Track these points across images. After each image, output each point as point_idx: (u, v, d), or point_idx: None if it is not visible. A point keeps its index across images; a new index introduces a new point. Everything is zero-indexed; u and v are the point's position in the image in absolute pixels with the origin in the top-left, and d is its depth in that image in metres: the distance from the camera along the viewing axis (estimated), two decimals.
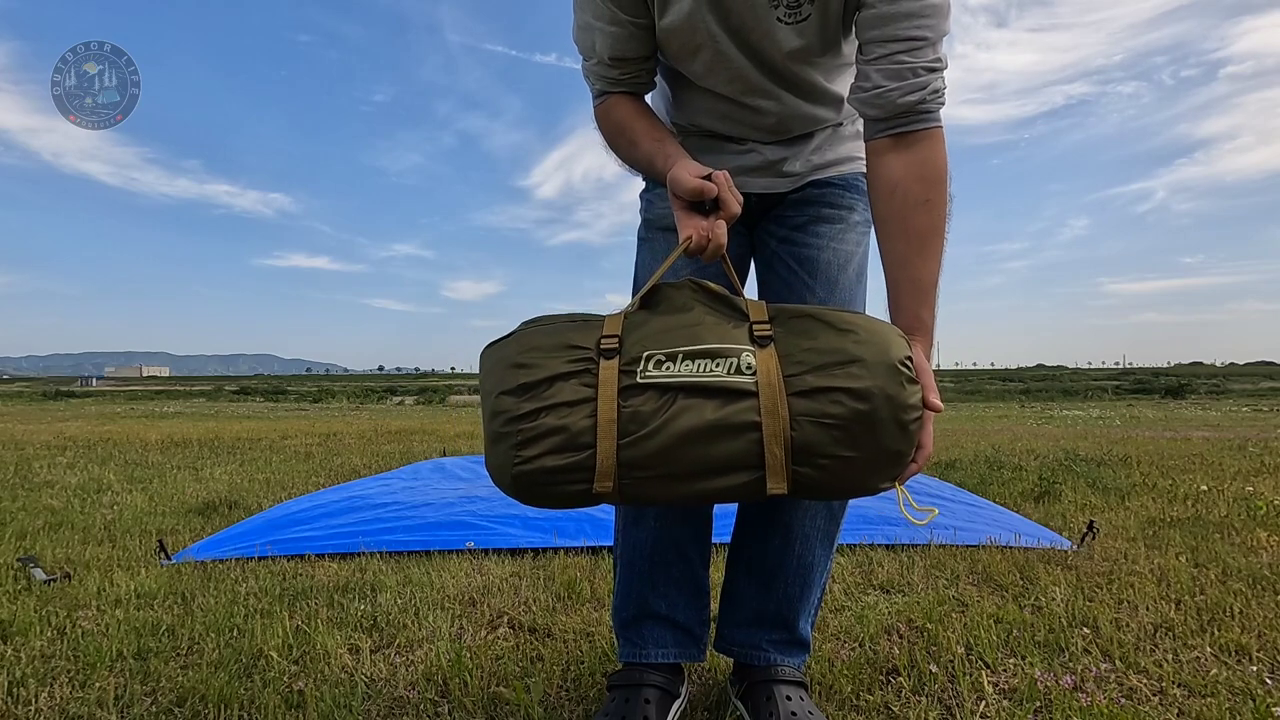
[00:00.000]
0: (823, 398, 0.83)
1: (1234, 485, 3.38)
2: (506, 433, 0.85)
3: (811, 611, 1.17)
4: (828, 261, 1.12)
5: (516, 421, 0.85)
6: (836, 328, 0.87)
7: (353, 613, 1.62)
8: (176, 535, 2.48)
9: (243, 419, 11.66)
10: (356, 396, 32.23)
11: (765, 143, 1.14)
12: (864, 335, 0.86)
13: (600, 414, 0.84)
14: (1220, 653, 1.38)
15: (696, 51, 1.04)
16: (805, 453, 0.83)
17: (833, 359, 0.85)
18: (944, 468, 4.18)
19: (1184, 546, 2.17)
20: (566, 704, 1.21)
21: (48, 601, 1.71)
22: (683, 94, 1.15)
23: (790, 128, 1.13)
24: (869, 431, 0.83)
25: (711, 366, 0.85)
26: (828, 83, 1.09)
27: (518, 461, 0.85)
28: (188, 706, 1.19)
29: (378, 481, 3.47)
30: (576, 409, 0.85)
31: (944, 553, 2.09)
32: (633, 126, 1.08)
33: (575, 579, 1.84)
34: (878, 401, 0.83)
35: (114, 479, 3.85)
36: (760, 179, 1.15)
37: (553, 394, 0.85)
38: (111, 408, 19.32)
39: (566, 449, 0.84)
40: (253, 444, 5.99)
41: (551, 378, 0.86)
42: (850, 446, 0.83)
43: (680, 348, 0.86)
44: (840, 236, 1.13)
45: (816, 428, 0.83)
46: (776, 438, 0.83)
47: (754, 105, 1.09)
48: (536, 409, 0.85)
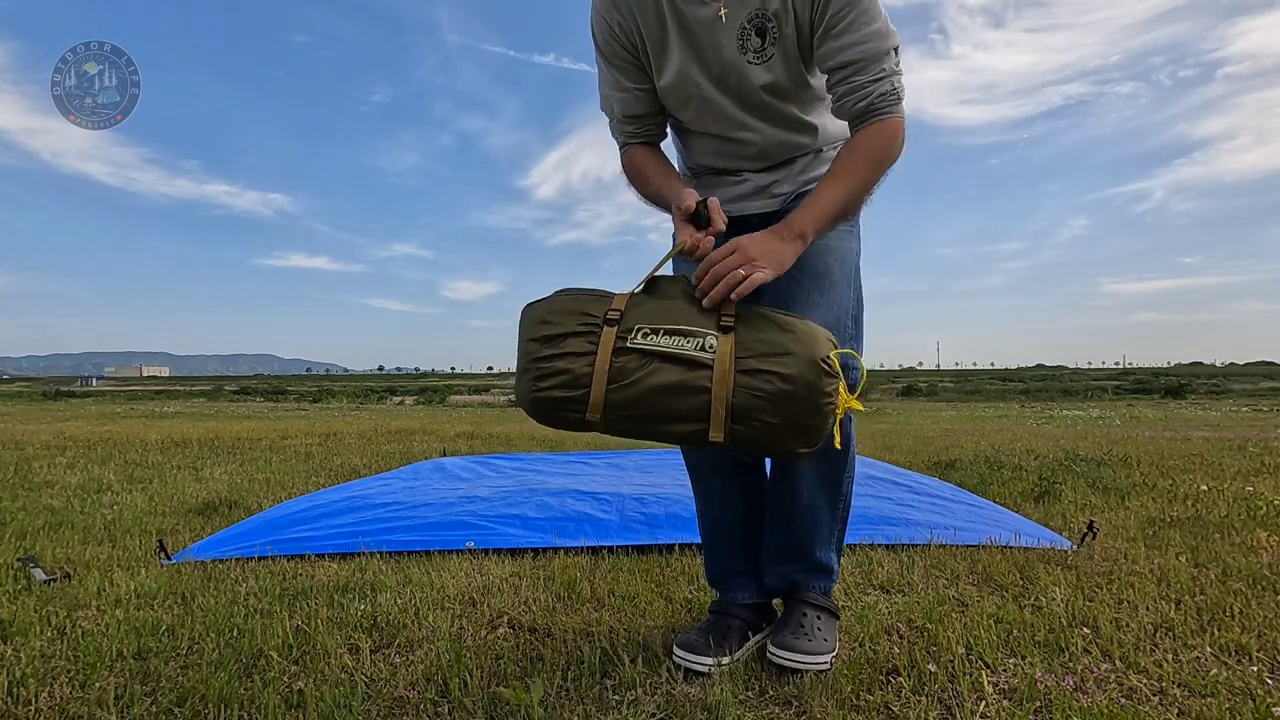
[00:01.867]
0: (760, 377, 1.11)
1: (1234, 485, 3.38)
2: (529, 368, 1.17)
3: (827, 544, 1.42)
4: (815, 256, 1.31)
5: (537, 362, 1.16)
6: (781, 327, 1.15)
7: (353, 613, 1.62)
8: (176, 535, 2.48)
9: (243, 419, 11.67)
10: (356, 396, 32.23)
11: (755, 170, 1.41)
12: (800, 335, 1.14)
13: (597, 365, 1.14)
14: (1220, 653, 1.38)
15: (688, 102, 1.34)
16: (741, 414, 1.12)
17: (772, 350, 1.12)
18: (944, 468, 4.18)
19: (1184, 546, 2.17)
20: (566, 704, 1.21)
21: (48, 601, 1.71)
22: (687, 140, 1.46)
23: (772, 154, 1.38)
24: (789, 406, 1.11)
25: (683, 343, 1.14)
26: (803, 114, 1.35)
27: (534, 390, 1.16)
28: (188, 706, 1.19)
29: (378, 481, 3.47)
30: (580, 359, 1.15)
31: (944, 553, 2.09)
32: (646, 168, 1.41)
33: (575, 579, 1.84)
34: (798, 385, 1.11)
35: (114, 479, 3.85)
36: (756, 201, 1.41)
37: (565, 346, 1.16)
38: (111, 408, 19.33)
39: (570, 386, 1.14)
40: (253, 444, 5.99)
41: (565, 334, 1.16)
42: (774, 415, 1.11)
43: (663, 325, 1.15)
44: (825, 240, 1.32)
45: (751, 397, 1.11)
46: (721, 400, 1.11)
47: (738, 138, 1.36)
48: (551, 354, 1.15)
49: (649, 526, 2.34)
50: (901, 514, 2.49)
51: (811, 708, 1.18)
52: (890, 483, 3.14)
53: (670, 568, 1.98)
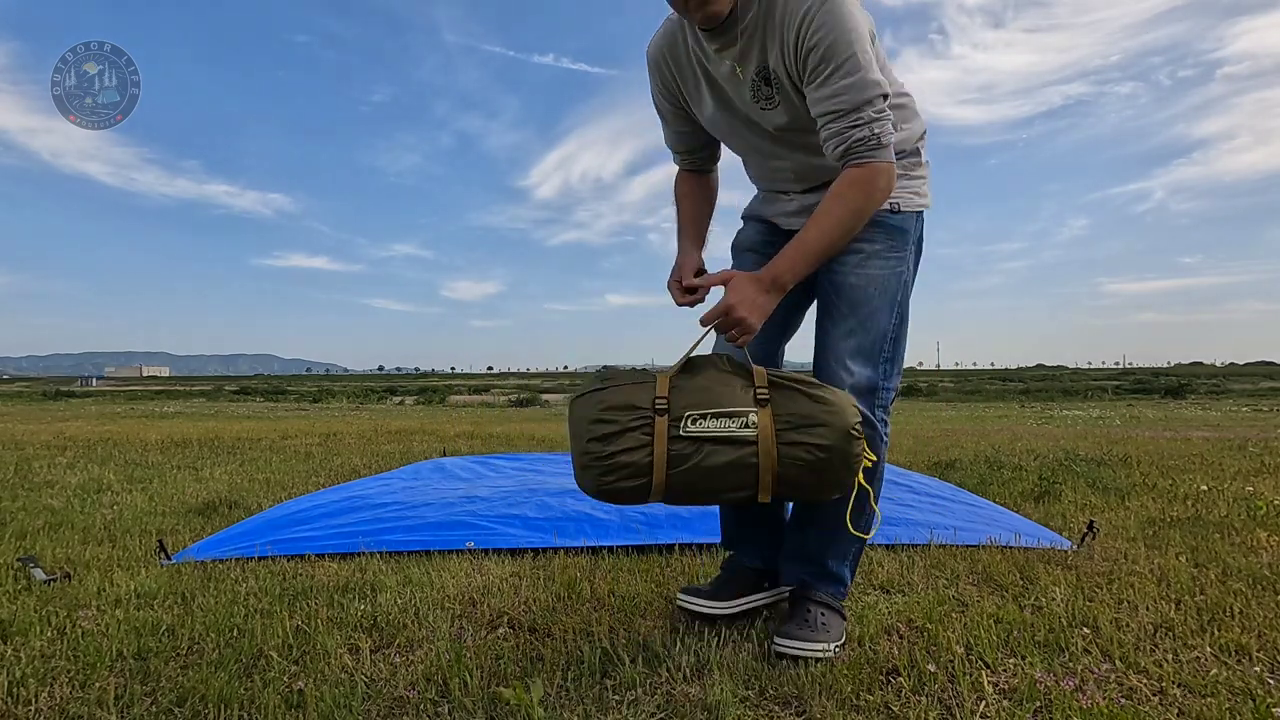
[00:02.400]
0: (799, 448, 1.28)
1: (1234, 485, 3.38)
2: (594, 466, 1.30)
3: (842, 558, 1.51)
4: (852, 285, 1.47)
5: (601, 460, 1.29)
6: (812, 398, 1.31)
7: (353, 613, 1.62)
8: (176, 535, 2.48)
9: (243, 419, 11.66)
10: (356, 396, 32.22)
11: (799, 191, 1.56)
12: (831, 406, 1.30)
13: (655, 454, 1.29)
14: (1220, 653, 1.38)
15: (726, 135, 1.57)
16: (784, 481, 1.30)
17: (807, 421, 1.29)
18: (944, 468, 4.18)
19: (1184, 546, 2.17)
20: (566, 704, 1.21)
21: (48, 601, 1.71)
22: (743, 162, 1.65)
23: (808, 177, 1.52)
24: (827, 470, 1.30)
25: (729, 424, 1.29)
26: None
27: (601, 485, 1.31)
28: (188, 706, 1.19)
29: (378, 481, 3.46)
30: (638, 451, 1.29)
31: (944, 553, 2.09)
32: (682, 203, 1.64)
33: (575, 579, 1.84)
34: (834, 454, 1.28)
35: (114, 479, 3.85)
36: (800, 219, 1.50)
37: (622, 443, 1.29)
38: (111, 408, 19.33)
39: (633, 476, 1.29)
40: (253, 444, 5.99)
41: (621, 431, 1.29)
42: (812, 478, 1.30)
43: (709, 410, 1.29)
44: (862, 264, 1.47)
45: (794, 466, 1.29)
46: (768, 471, 1.29)
47: (773, 165, 1.55)
48: (613, 451, 1.29)
49: (649, 526, 2.34)
50: (901, 514, 2.49)
51: (811, 708, 1.18)
52: (890, 483, 3.14)
53: (670, 568, 1.98)
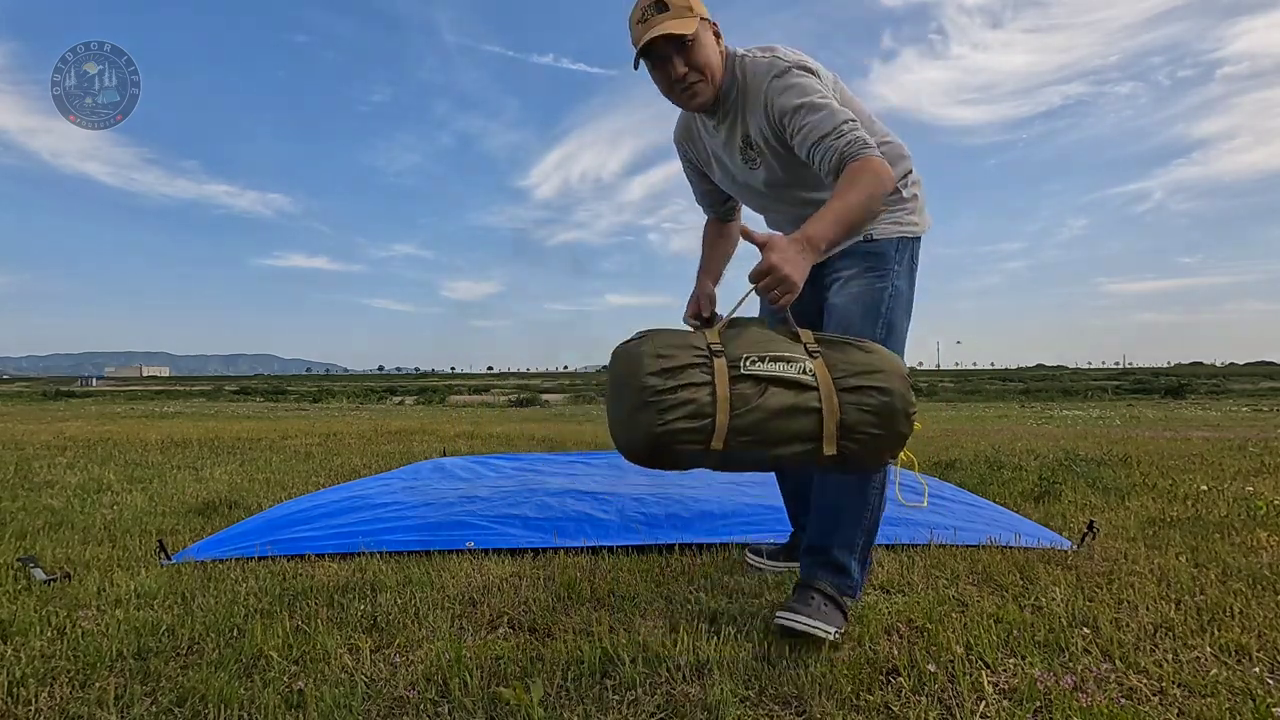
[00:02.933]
0: (861, 393, 1.26)
1: (1234, 485, 3.37)
2: (652, 402, 1.20)
3: (847, 547, 1.55)
4: (835, 306, 1.60)
5: (661, 394, 1.20)
6: (861, 349, 1.33)
7: (353, 613, 1.62)
8: (176, 535, 2.48)
9: (243, 419, 11.66)
10: (356, 396, 32.20)
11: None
12: (883, 355, 1.33)
13: (718, 393, 1.21)
14: (1220, 653, 1.38)
15: (736, 193, 1.80)
16: (849, 429, 1.25)
17: (865, 369, 1.28)
18: (944, 468, 4.18)
19: (1184, 546, 2.17)
20: (566, 704, 1.21)
21: (48, 601, 1.71)
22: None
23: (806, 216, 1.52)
24: (891, 417, 1.27)
25: (787, 367, 1.25)
26: (808, 194, 1.63)
27: (659, 424, 1.20)
28: (188, 706, 1.19)
29: (378, 481, 3.46)
30: (701, 389, 1.22)
31: (944, 553, 2.08)
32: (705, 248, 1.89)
33: (575, 579, 1.84)
34: (896, 398, 1.27)
35: (114, 479, 3.85)
36: None
37: (686, 376, 1.22)
38: (111, 408, 19.32)
39: (695, 416, 1.21)
40: (253, 444, 5.99)
41: (684, 365, 1.23)
42: (878, 426, 1.26)
43: (767, 353, 1.26)
44: (843, 288, 1.60)
45: (858, 411, 1.26)
46: (833, 415, 1.24)
47: (774, 209, 1.76)
48: (676, 385, 1.21)
49: (649, 526, 2.34)
50: (901, 514, 2.49)
51: (811, 708, 1.18)
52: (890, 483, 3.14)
53: (670, 568, 1.98)
